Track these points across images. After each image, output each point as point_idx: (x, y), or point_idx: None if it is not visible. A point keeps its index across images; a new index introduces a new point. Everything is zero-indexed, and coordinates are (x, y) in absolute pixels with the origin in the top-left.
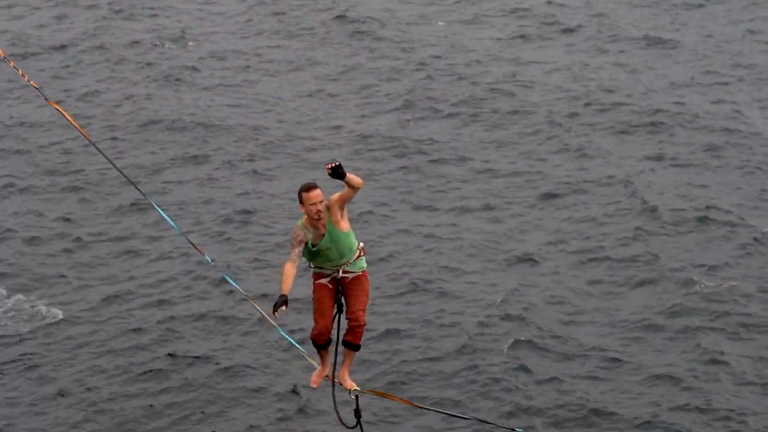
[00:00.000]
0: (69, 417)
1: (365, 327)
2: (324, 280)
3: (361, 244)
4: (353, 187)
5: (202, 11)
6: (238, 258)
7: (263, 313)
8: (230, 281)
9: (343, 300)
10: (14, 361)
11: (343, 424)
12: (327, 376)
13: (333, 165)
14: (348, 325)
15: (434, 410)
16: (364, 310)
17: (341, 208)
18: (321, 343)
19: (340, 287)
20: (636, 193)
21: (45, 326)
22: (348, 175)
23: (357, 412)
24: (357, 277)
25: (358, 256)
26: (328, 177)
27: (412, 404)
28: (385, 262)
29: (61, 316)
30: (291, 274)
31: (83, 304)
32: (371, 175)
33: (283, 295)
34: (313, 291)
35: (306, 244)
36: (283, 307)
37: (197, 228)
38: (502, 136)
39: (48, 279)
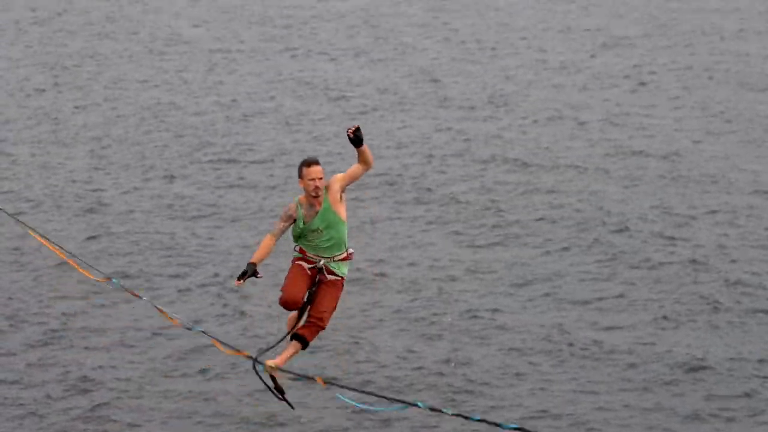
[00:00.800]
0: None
1: (323, 329)
2: (304, 264)
3: (351, 249)
4: (365, 162)
5: None
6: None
7: (249, 355)
8: (216, 339)
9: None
10: None
11: (277, 396)
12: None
13: (355, 128)
14: (308, 320)
15: (359, 391)
16: (330, 314)
17: (342, 189)
18: (290, 309)
19: (316, 279)
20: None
21: None
22: (365, 145)
23: (279, 390)
24: (334, 282)
25: (345, 258)
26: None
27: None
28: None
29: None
30: (267, 247)
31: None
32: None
33: (251, 264)
34: (290, 268)
35: (295, 221)
36: (255, 277)
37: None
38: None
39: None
